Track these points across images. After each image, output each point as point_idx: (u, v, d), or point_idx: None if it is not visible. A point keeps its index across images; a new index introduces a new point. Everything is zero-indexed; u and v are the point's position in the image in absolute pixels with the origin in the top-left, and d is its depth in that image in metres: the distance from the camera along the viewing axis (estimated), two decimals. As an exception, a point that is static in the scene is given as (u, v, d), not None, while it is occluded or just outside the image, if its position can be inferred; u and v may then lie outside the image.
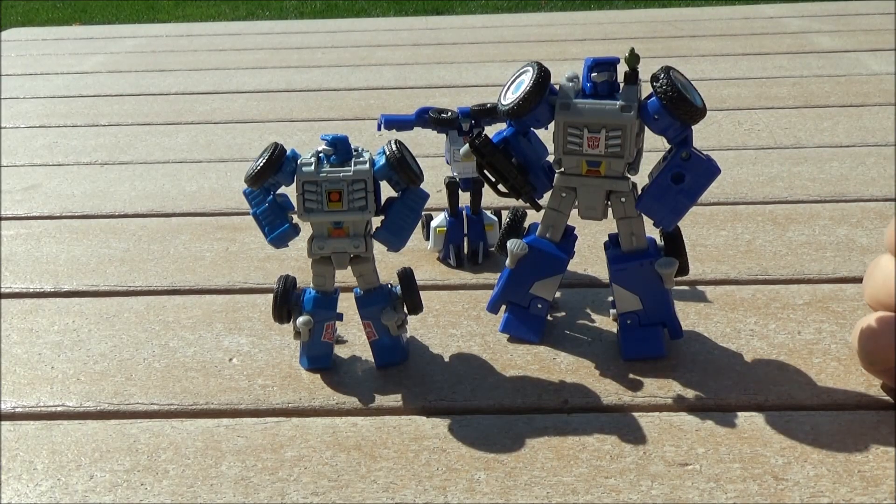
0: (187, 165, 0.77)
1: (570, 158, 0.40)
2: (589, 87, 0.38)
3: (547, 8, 3.10)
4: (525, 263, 0.43)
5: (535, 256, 0.43)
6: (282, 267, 0.54)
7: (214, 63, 1.21)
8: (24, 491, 0.36)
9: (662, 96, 0.37)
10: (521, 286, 0.44)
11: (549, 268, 0.43)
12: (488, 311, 0.46)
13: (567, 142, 0.39)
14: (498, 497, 0.34)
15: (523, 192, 0.41)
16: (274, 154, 0.39)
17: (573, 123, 0.38)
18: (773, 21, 1.36)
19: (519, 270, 0.44)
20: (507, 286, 0.44)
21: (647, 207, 0.40)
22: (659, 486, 0.34)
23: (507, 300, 0.45)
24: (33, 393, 0.43)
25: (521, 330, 0.45)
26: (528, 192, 0.41)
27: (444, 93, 0.99)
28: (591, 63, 0.38)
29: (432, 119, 0.51)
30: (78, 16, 3.44)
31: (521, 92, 0.38)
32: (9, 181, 0.74)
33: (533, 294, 0.44)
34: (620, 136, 0.38)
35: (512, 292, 0.45)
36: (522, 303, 0.45)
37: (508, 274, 0.44)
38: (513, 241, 0.42)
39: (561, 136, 0.39)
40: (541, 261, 0.43)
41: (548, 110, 0.39)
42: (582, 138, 0.38)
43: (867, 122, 0.81)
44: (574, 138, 0.39)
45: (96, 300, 0.52)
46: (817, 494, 0.33)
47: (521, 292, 0.44)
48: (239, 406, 0.41)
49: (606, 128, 0.38)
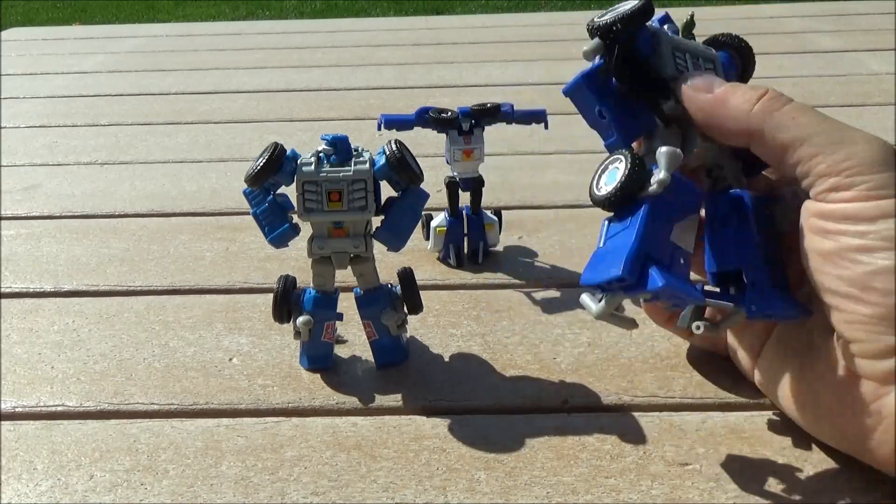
0: (187, 165, 0.77)
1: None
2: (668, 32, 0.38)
3: (547, 8, 3.10)
4: (662, 199, 0.33)
5: (675, 184, 0.33)
6: (282, 267, 0.54)
7: (214, 63, 1.21)
8: (24, 491, 0.36)
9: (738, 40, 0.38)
10: (663, 229, 0.33)
11: (688, 202, 0.34)
12: (622, 277, 0.31)
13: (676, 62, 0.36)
14: (498, 497, 0.34)
15: (662, 84, 0.35)
16: (274, 154, 0.39)
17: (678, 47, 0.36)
18: (774, 21, 1.36)
19: (661, 204, 0.33)
20: (648, 230, 0.32)
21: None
22: (659, 485, 0.34)
23: (647, 255, 0.32)
24: (33, 393, 0.43)
25: (685, 290, 0.32)
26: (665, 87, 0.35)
27: (444, 93, 0.99)
28: (663, 17, 0.38)
29: (432, 119, 0.51)
30: (78, 16, 3.44)
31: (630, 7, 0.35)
32: (9, 181, 0.74)
33: (674, 243, 0.34)
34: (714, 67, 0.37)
35: (654, 240, 0.32)
36: (665, 256, 0.33)
37: (648, 212, 0.33)
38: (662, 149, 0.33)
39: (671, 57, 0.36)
40: (681, 190, 0.34)
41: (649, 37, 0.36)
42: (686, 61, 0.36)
43: (867, 122, 0.81)
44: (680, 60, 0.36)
45: (96, 300, 0.52)
46: (817, 494, 0.33)
47: (664, 239, 0.33)
48: (239, 406, 0.41)
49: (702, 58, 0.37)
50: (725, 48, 0.38)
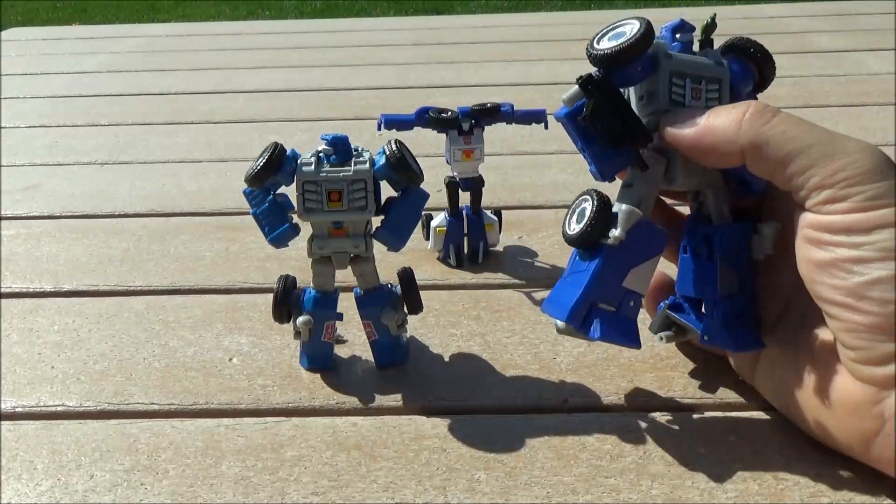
0: (187, 165, 0.77)
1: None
2: (677, 46, 0.37)
3: (547, 8, 3.10)
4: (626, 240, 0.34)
5: (638, 230, 0.35)
6: (282, 267, 0.54)
7: (214, 63, 1.21)
8: (24, 491, 0.36)
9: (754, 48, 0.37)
10: (616, 276, 0.35)
11: (651, 246, 0.35)
12: (566, 322, 0.35)
13: (672, 91, 0.36)
14: (498, 497, 0.34)
15: (639, 135, 0.35)
16: (274, 154, 0.39)
17: (678, 73, 0.36)
18: (774, 21, 1.36)
19: (617, 253, 0.35)
20: (599, 279, 0.34)
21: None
22: (659, 485, 0.34)
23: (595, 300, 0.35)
24: (33, 393, 0.43)
25: (622, 336, 0.35)
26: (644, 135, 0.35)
27: (444, 93, 0.99)
28: (675, 24, 0.37)
29: (432, 119, 0.51)
30: (78, 16, 3.44)
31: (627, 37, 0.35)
32: (9, 181, 0.74)
33: (626, 288, 0.35)
34: (719, 88, 0.36)
35: (603, 287, 0.35)
36: (614, 301, 0.35)
37: (602, 262, 0.34)
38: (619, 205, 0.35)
39: (667, 87, 0.36)
40: (644, 236, 0.35)
41: (648, 61, 0.35)
42: (685, 88, 0.36)
43: (867, 122, 0.81)
44: (678, 88, 0.36)
45: (96, 300, 0.52)
46: (817, 494, 0.33)
47: (614, 286, 0.35)
48: (239, 406, 0.41)
49: (707, 80, 0.36)
50: (740, 56, 0.37)
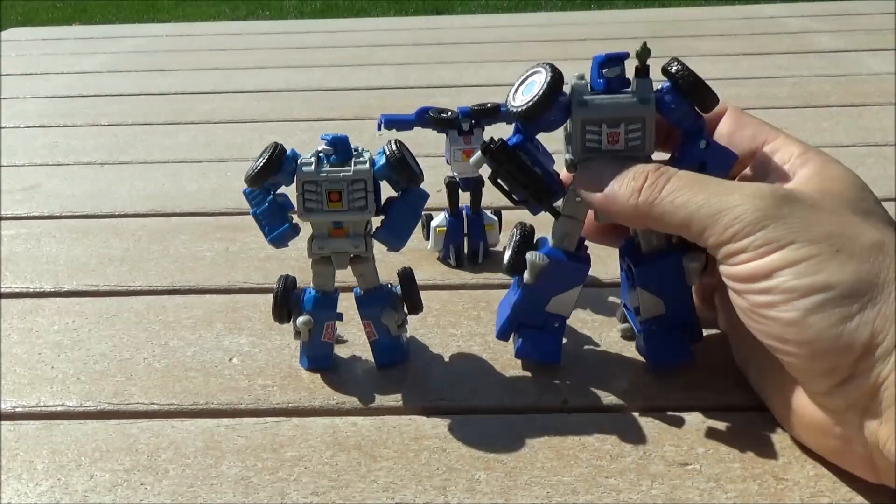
0: (187, 165, 0.77)
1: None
2: (602, 84, 0.37)
3: (547, 8, 3.11)
4: (541, 279, 0.39)
5: (553, 269, 0.39)
6: (282, 267, 0.54)
7: (214, 63, 1.21)
8: (24, 491, 0.36)
9: (680, 80, 0.36)
10: (537, 304, 0.40)
11: (570, 279, 0.40)
12: (498, 338, 0.42)
13: (586, 139, 0.37)
14: (498, 497, 0.34)
15: (544, 199, 0.38)
16: (274, 154, 0.39)
17: (591, 120, 0.37)
18: (774, 21, 1.36)
19: (535, 287, 0.40)
20: (521, 306, 0.40)
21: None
22: (659, 485, 0.34)
23: (520, 322, 0.41)
24: (33, 393, 0.43)
25: (538, 353, 0.41)
26: (549, 199, 0.38)
27: (444, 93, 0.99)
28: (601, 59, 0.37)
29: (432, 119, 0.51)
30: (78, 16, 3.44)
31: (535, 93, 0.36)
32: (9, 181, 0.74)
33: (549, 312, 0.40)
34: (640, 128, 0.37)
35: (526, 312, 0.40)
36: (537, 323, 0.41)
37: (523, 293, 0.40)
38: (533, 253, 0.39)
39: (579, 135, 0.37)
40: (560, 273, 0.39)
41: (562, 110, 0.37)
42: (600, 135, 0.37)
43: (867, 122, 0.81)
44: (593, 135, 0.37)
45: (96, 300, 0.52)
46: (817, 494, 0.33)
47: (536, 311, 0.40)
48: (239, 406, 0.41)
49: (626, 121, 0.37)
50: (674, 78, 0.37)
